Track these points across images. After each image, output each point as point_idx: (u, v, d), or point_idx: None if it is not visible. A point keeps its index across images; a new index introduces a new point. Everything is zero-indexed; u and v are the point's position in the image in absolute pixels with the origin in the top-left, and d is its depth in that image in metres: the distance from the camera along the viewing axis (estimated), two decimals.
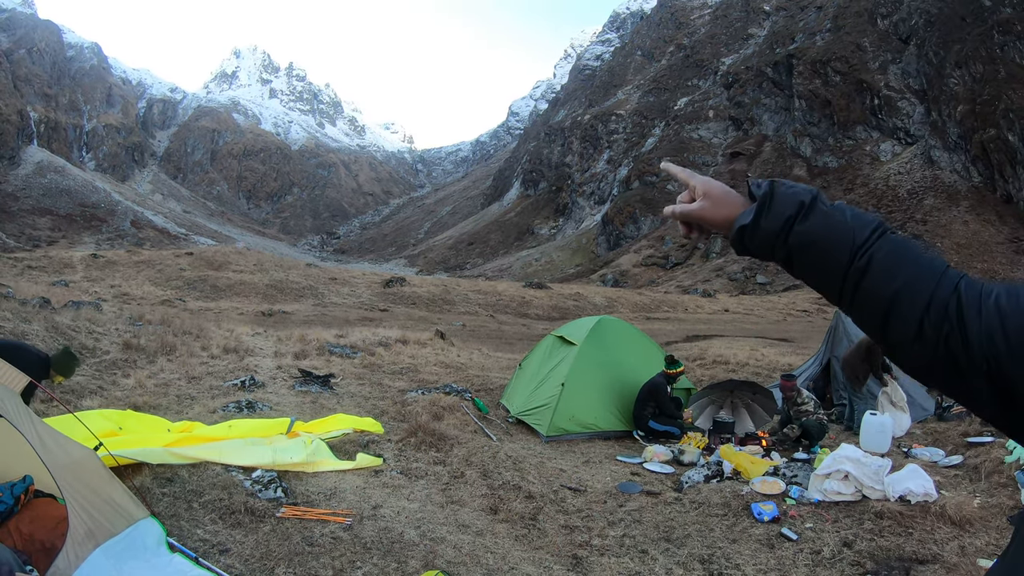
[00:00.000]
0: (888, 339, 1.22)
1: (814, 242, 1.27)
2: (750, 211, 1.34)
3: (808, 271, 1.31)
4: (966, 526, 5.79)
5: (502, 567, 5.25)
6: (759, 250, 1.36)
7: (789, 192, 1.32)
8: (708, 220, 1.44)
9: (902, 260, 1.22)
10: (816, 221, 1.28)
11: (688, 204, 1.48)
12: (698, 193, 1.46)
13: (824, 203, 1.30)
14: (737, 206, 1.40)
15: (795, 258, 1.31)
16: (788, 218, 1.29)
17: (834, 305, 1.32)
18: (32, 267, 40.45)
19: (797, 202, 1.30)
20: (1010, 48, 79.27)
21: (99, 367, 11.37)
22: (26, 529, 4.52)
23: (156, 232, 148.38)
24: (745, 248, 1.37)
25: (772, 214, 1.31)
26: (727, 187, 1.44)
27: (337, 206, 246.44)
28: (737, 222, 1.37)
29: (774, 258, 1.34)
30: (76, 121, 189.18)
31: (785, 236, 1.30)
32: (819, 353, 12.58)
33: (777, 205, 1.31)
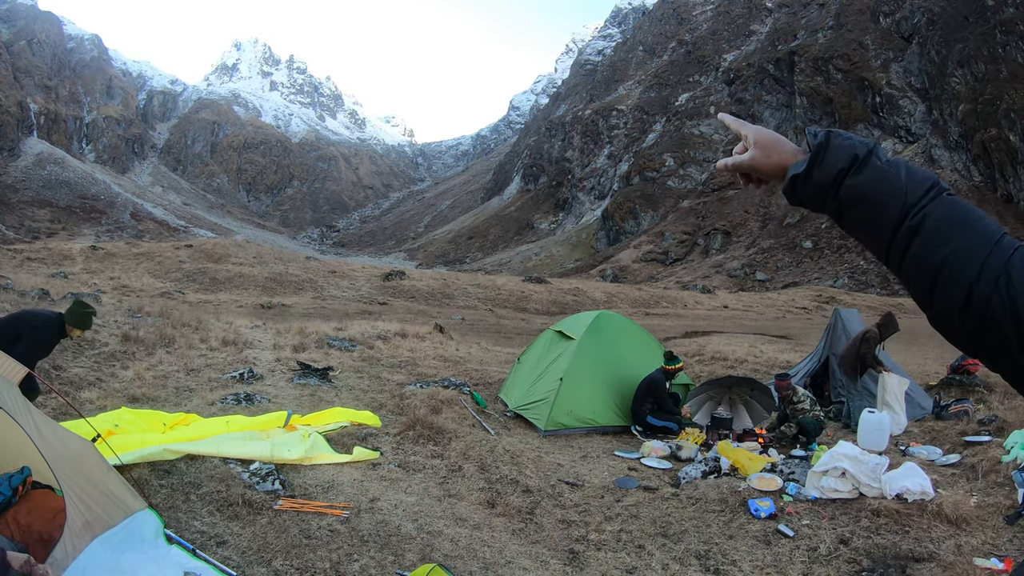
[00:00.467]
0: (935, 307, 1.18)
1: (864, 197, 1.26)
2: (804, 161, 1.33)
3: (857, 227, 1.30)
4: (963, 525, 5.80)
5: (499, 561, 5.26)
6: (810, 201, 1.35)
7: (844, 144, 1.30)
8: (760, 169, 1.44)
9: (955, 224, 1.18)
10: (868, 176, 1.26)
11: (741, 155, 1.47)
12: (749, 142, 1.46)
13: (880, 158, 1.28)
14: (789, 154, 1.40)
15: (845, 213, 1.30)
16: (840, 171, 1.28)
17: (883, 264, 1.30)
18: (31, 259, 40.39)
19: (851, 155, 1.28)
20: (1012, 48, 79.20)
21: (98, 359, 11.37)
22: (24, 520, 4.52)
23: (156, 224, 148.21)
24: (797, 198, 1.37)
25: (825, 165, 1.30)
26: (779, 135, 1.44)
27: (337, 199, 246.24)
28: (790, 171, 1.36)
29: (825, 210, 1.34)
30: (76, 113, 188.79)
31: (836, 189, 1.29)
32: (817, 350, 12.59)
33: (831, 156, 1.29)
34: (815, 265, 76.99)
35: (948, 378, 12.24)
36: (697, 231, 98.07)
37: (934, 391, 11.78)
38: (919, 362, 15.87)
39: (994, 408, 10.18)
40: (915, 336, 18.96)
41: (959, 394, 11.44)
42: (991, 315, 1.10)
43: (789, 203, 1.39)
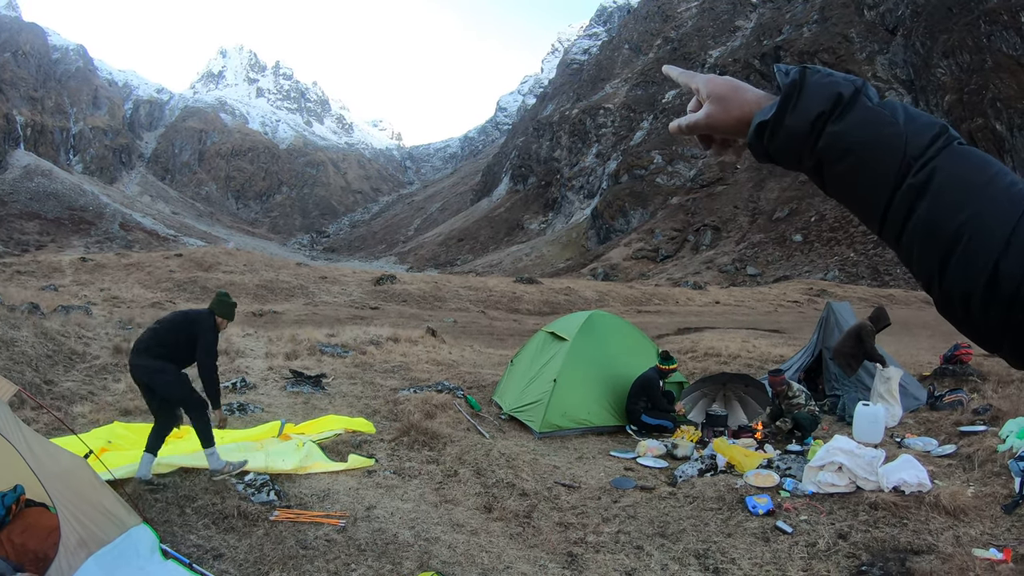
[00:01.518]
0: (946, 286, 0.93)
1: (851, 148, 0.99)
2: (772, 105, 1.06)
3: (843, 187, 1.03)
4: (960, 516, 5.81)
5: (497, 566, 5.24)
6: (782, 155, 1.07)
7: (824, 81, 1.03)
8: (719, 126, 1.17)
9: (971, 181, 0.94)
10: (856, 121, 0.99)
11: (693, 115, 1.20)
12: (702, 96, 1.19)
13: (870, 98, 1.01)
14: (752, 103, 1.13)
15: (827, 169, 1.03)
16: (819, 115, 1.01)
17: (876, 235, 1.05)
18: (21, 272, 40.14)
19: (833, 94, 1.01)
20: (997, 37, 79.65)
21: (89, 372, 11.30)
22: (18, 539, 4.48)
23: (145, 234, 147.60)
24: (765, 152, 1.09)
25: (799, 109, 1.02)
26: (738, 82, 1.17)
27: (326, 204, 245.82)
28: (755, 118, 1.08)
29: (801, 166, 1.06)
30: (63, 124, 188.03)
31: (815, 139, 1.02)
32: (810, 343, 12.61)
33: (806, 98, 1.02)
34: (805, 258, 77.21)
35: (941, 368, 12.26)
36: (687, 227, 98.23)
37: (928, 382, 11.80)
38: (911, 352, 15.91)
39: (988, 397, 10.21)
40: (907, 327, 19.06)
41: (953, 384, 11.46)
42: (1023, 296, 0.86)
43: (756, 159, 1.12)
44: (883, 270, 67.84)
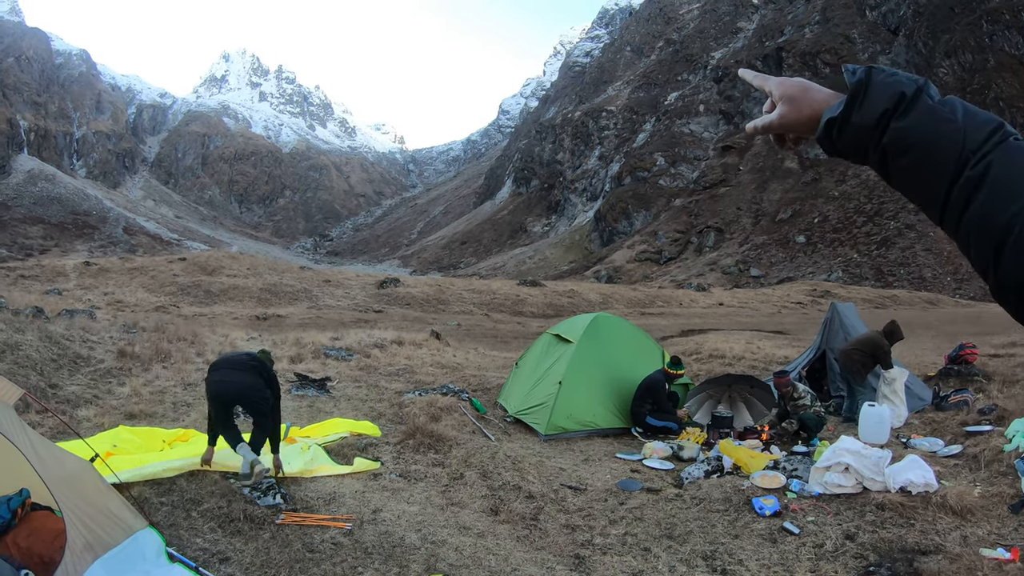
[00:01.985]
0: (1001, 274, 0.98)
1: (914, 144, 1.07)
2: (841, 102, 1.15)
3: (906, 180, 1.11)
4: (967, 516, 5.79)
5: (504, 569, 5.23)
6: (849, 150, 1.16)
7: (889, 81, 1.11)
8: (792, 127, 1.26)
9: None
10: (918, 118, 1.07)
11: (769, 115, 1.29)
12: (775, 98, 1.28)
13: (931, 96, 1.09)
14: (822, 102, 1.21)
15: (891, 163, 1.10)
16: (884, 112, 1.09)
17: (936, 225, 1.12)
18: (25, 276, 40.23)
19: (896, 93, 1.09)
20: (999, 37, 79.61)
21: (94, 376, 11.31)
22: (24, 543, 4.48)
23: (148, 238, 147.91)
24: (833, 147, 1.18)
25: (865, 107, 1.11)
26: (808, 83, 1.26)
27: (329, 208, 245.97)
28: (824, 115, 1.17)
29: (867, 160, 1.15)
30: (66, 128, 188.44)
31: (880, 134, 1.09)
32: (815, 344, 12.59)
33: (872, 96, 1.11)
34: (809, 260, 77.10)
35: (946, 369, 12.23)
36: (690, 229, 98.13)
37: (933, 382, 11.76)
38: (916, 353, 15.87)
39: (994, 397, 10.17)
40: (911, 327, 18.98)
41: (958, 384, 11.43)
42: None
43: (826, 153, 1.21)
44: (887, 271, 67.76)
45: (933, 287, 61.57)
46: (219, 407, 6.78)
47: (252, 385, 6.88)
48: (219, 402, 6.77)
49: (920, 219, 72.09)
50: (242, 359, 7.14)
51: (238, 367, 6.96)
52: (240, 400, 6.91)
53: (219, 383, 6.76)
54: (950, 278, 63.60)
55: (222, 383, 6.78)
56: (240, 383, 6.82)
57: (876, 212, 77.95)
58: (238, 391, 6.80)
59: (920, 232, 70.57)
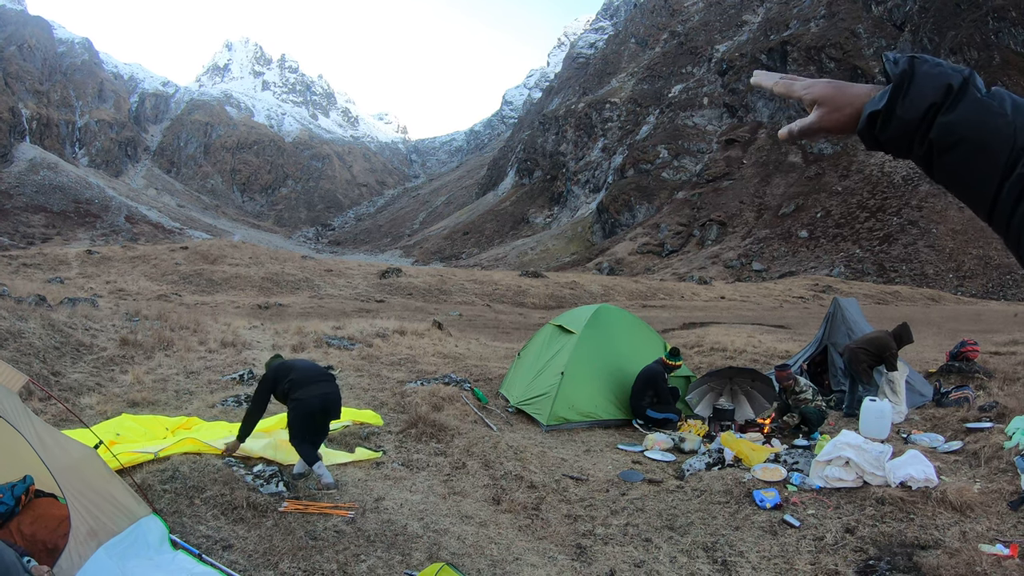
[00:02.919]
0: None
1: (963, 139, 1.01)
2: (884, 93, 1.08)
3: (952, 175, 1.05)
4: (967, 511, 5.80)
5: (506, 557, 5.26)
6: (893, 143, 1.09)
7: (934, 72, 1.06)
8: (833, 127, 1.19)
9: None
10: (967, 111, 1.01)
11: (804, 120, 1.23)
12: (807, 102, 1.22)
13: (979, 88, 1.03)
14: (862, 96, 1.15)
15: (937, 158, 1.05)
16: (931, 105, 1.03)
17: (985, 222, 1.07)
18: (27, 265, 40.28)
19: (943, 85, 1.03)
20: (1005, 35, 79.44)
21: (96, 364, 11.33)
22: (28, 530, 4.49)
23: (151, 227, 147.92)
24: (876, 140, 1.11)
25: (910, 99, 1.05)
26: (837, 82, 1.20)
27: (331, 198, 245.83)
28: (867, 108, 1.10)
29: (911, 154, 1.09)
30: (68, 117, 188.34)
31: (926, 128, 1.04)
32: (816, 338, 12.60)
33: (918, 88, 1.05)
34: (811, 254, 77.09)
35: (947, 365, 12.25)
36: (693, 222, 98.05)
37: (934, 378, 11.78)
38: (917, 350, 15.88)
39: (994, 394, 10.19)
40: (912, 324, 18.95)
41: (959, 381, 11.45)
42: None
43: (866, 147, 1.16)
44: (889, 267, 67.71)
45: (935, 284, 61.56)
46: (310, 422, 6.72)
47: (339, 395, 6.98)
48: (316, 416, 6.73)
49: (923, 215, 72.01)
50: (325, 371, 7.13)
51: (328, 379, 6.96)
52: (334, 410, 6.87)
53: (326, 396, 6.75)
54: (952, 275, 63.55)
55: (328, 396, 6.78)
56: (337, 394, 6.89)
57: (879, 208, 77.87)
58: (336, 402, 6.85)
59: (923, 228, 70.54)
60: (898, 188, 79.74)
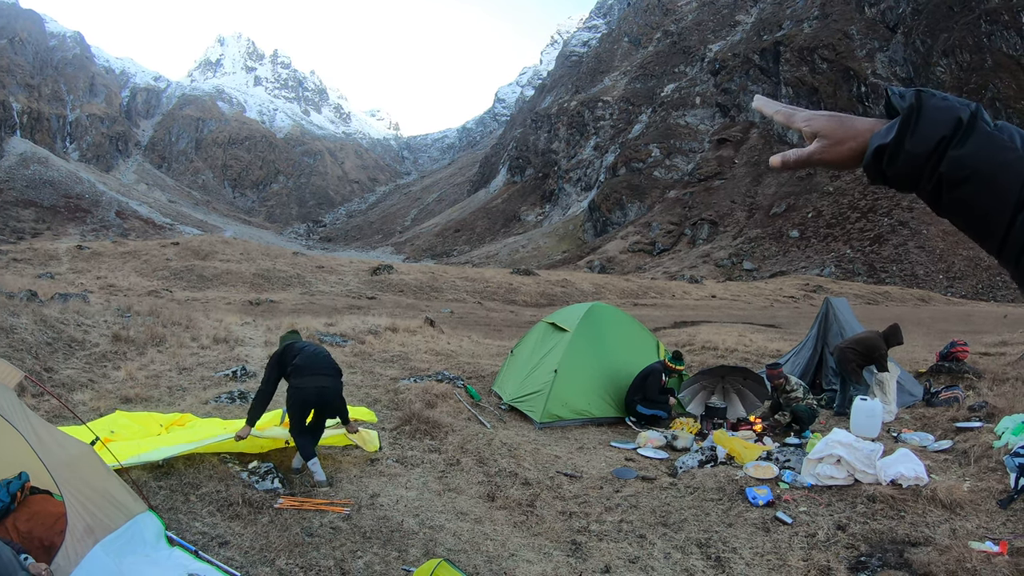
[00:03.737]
0: None
1: (974, 173, 1.00)
2: (891, 127, 1.06)
3: (961, 210, 1.04)
4: (957, 509, 5.86)
5: (502, 554, 5.28)
6: (900, 178, 1.08)
7: (942, 105, 1.04)
8: (832, 162, 1.17)
9: None
10: (977, 146, 1.00)
11: (802, 150, 1.21)
12: (806, 134, 1.19)
13: (987, 121, 1.02)
14: (865, 131, 1.13)
15: (945, 192, 1.03)
16: (941, 139, 1.02)
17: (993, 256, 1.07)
18: (17, 260, 40.08)
19: (953, 119, 1.02)
20: (997, 37, 79.86)
21: (89, 360, 11.30)
22: (24, 527, 4.48)
23: (141, 222, 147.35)
24: (882, 175, 1.09)
25: (919, 133, 1.03)
26: (839, 115, 1.18)
27: (323, 194, 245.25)
28: (873, 141, 1.08)
29: (917, 188, 1.07)
30: (59, 111, 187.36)
31: (936, 162, 1.02)
32: (808, 339, 12.65)
33: (927, 121, 1.03)
34: (802, 254, 77.39)
35: (937, 365, 12.33)
36: (684, 221, 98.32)
37: (924, 378, 11.86)
38: (907, 350, 15.97)
39: (983, 395, 10.27)
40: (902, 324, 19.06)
41: (948, 381, 11.53)
42: None
43: (871, 182, 1.13)
44: (879, 267, 68.04)
45: (925, 284, 61.89)
46: (306, 411, 6.71)
47: (339, 391, 6.87)
48: (311, 407, 6.72)
49: (913, 217, 72.36)
50: (331, 362, 6.93)
51: (329, 372, 6.81)
52: (329, 407, 6.81)
53: (322, 390, 6.67)
54: (942, 276, 63.91)
55: (325, 391, 6.69)
56: (335, 391, 6.79)
57: (870, 208, 78.21)
58: (332, 399, 6.75)
59: (913, 230, 70.88)
60: (889, 189, 79.72)
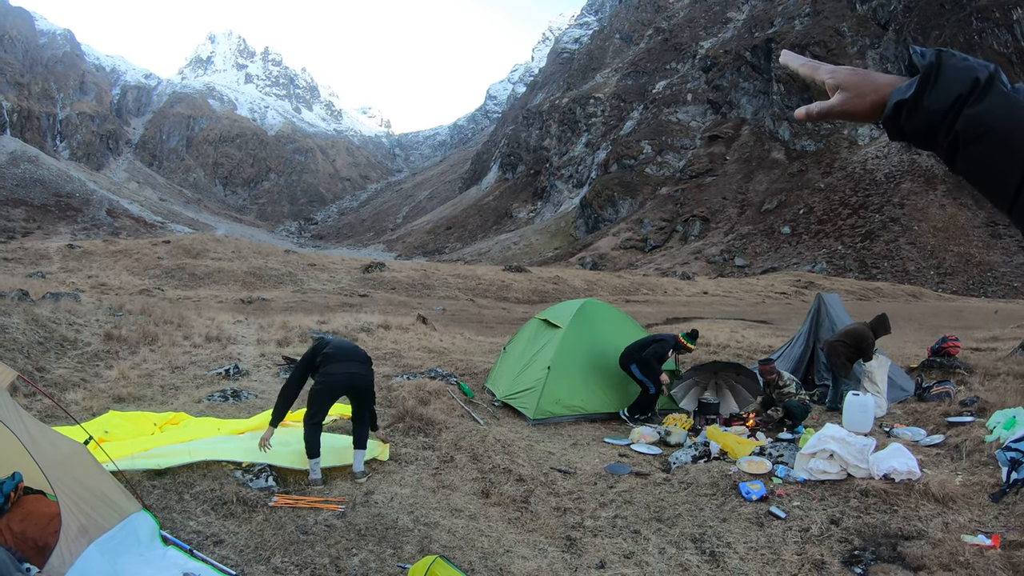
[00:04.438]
0: None
1: (988, 131, 1.02)
2: (911, 83, 1.09)
3: (975, 167, 1.06)
4: (949, 503, 5.89)
5: (497, 550, 5.28)
6: (918, 133, 1.10)
7: (961, 64, 1.06)
8: (854, 113, 1.19)
9: None
10: (993, 104, 1.02)
11: (825, 102, 1.24)
12: (830, 87, 1.23)
13: (1004, 83, 1.04)
14: (886, 85, 1.16)
15: (961, 149, 1.05)
16: (958, 96, 1.04)
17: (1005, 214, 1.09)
18: (8, 259, 39.86)
19: (971, 78, 1.04)
20: (988, 34, 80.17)
21: (81, 359, 11.26)
22: (17, 527, 4.46)
23: (132, 221, 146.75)
24: (901, 131, 1.12)
25: (938, 90, 1.06)
26: (861, 70, 1.21)
27: (314, 191, 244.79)
28: (893, 96, 1.11)
29: (935, 145, 1.10)
30: (49, 109, 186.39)
31: (952, 119, 1.04)
32: (800, 334, 12.69)
33: (945, 79, 1.06)
34: (793, 250, 77.60)
35: (929, 360, 12.38)
36: (676, 218, 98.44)
37: (915, 373, 11.92)
38: (898, 345, 16.06)
39: (975, 389, 10.34)
40: (893, 320, 19.14)
41: (940, 376, 11.58)
42: None
43: (889, 137, 1.16)
44: (870, 263, 68.29)
45: (916, 280, 62.16)
46: (330, 400, 6.90)
47: (371, 380, 7.02)
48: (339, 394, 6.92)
49: (904, 213, 72.64)
50: (361, 352, 7.13)
51: (360, 359, 6.99)
52: (363, 394, 6.92)
53: (353, 376, 6.80)
54: (933, 272, 64.18)
55: (356, 376, 6.82)
56: (367, 377, 6.93)
57: (861, 205, 78.47)
58: (363, 385, 6.88)
59: (904, 226, 71.16)
60: (880, 185, 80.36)
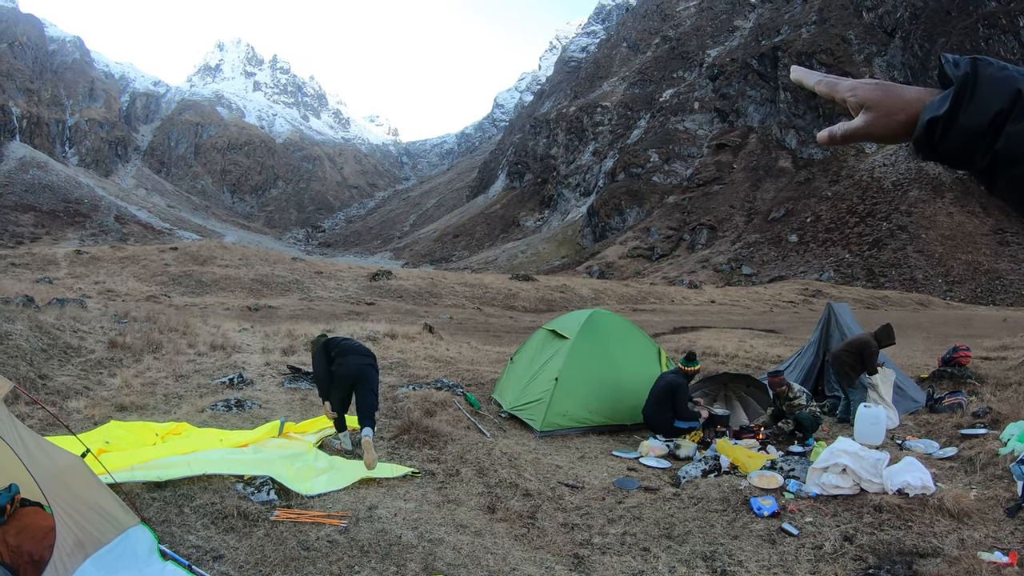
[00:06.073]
0: None
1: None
2: (944, 98, 0.97)
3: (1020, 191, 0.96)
4: (964, 519, 5.76)
5: (503, 568, 5.15)
6: (953, 154, 0.99)
7: (1000, 76, 0.94)
8: (881, 134, 1.09)
9: None
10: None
11: (849, 124, 1.13)
12: (852, 106, 1.12)
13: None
14: (915, 101, 1.04)
15: (1002, 170, 0.94)
16: (999, 112, 0.92)
17: None
18: (15, 264, 39.94)
19: (1012, 91, 0.92)
20: (995, 41, 80.00)
21: (84, 367, 11.19)
22: (13, 541, 4.37)
23: (140, 227, 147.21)
24: (934, 150, 1.01)
25: (975, 105, 0.94)
26: (885, 84, 1.10)
27: (322, 199, 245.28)
28: (925, 114, 1.00)
29: (970, 166, 0.98)
30: (59, 116, 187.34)
31: (992, 138, 0.93)
32: (810, 344, 12.55)
33: (983, 93, 0.94)
34: (801, 259, 77.35)
35: (940, 371, 12.22)
36: (683, 226, 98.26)
37: (926, 384, 11.77)
38: (908, 355, 15.90)
39: (987, 400, 10.17)
40: (901, 329, 18.99)
41: (951, 387, 11.42)
42: None
43: (921, 157, 1.04)
44: (878, 272, 68.02)
45: (924, 289, 61.88)
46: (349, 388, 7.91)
47: (376, 372, 8.12)
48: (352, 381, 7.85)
49: (912, 221, 72.38)
50: (364, 347, 8.32)
51: (365, 353, 8.15)
52: (369, 383, 7.85)
53: (364, 367, 7.90)
54: (941, 280, 63.88)
55: (365, 367, 7.92)
56: (374, 367, 8.06)
57: (869, 213, 78.24)
58: (371, 375, 7.91)
59: (912, 234, 70.90)
60: (888, 193, 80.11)
